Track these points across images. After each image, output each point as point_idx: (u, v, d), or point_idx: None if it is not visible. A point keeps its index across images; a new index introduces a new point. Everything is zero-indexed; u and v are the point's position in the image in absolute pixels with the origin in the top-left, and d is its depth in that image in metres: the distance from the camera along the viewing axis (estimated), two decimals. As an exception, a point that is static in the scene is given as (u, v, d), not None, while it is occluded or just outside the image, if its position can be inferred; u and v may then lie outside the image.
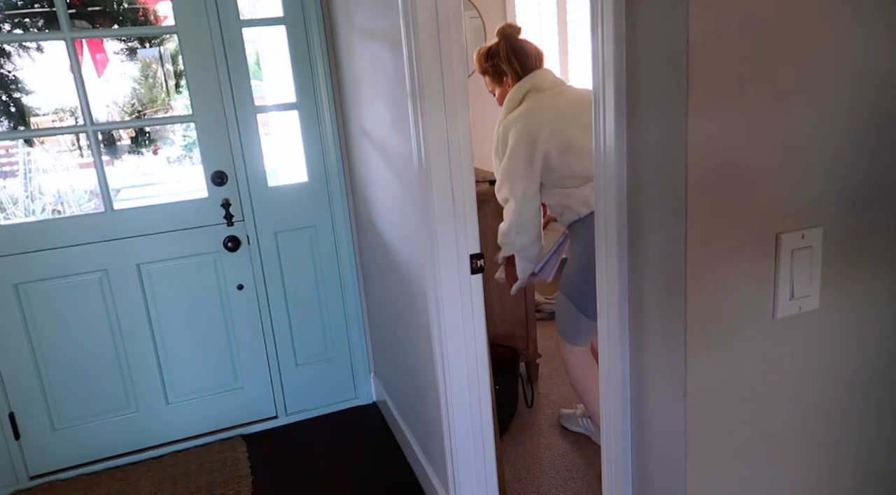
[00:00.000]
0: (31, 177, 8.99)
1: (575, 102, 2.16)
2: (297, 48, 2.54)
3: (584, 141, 2.08)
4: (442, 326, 1.80)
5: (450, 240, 1.75)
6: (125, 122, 2.37)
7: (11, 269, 2.31)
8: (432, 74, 1.64)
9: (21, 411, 2.41)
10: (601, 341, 1.03)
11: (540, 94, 2.17)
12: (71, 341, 2.43)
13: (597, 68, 0.93)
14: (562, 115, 2.11)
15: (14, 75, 2.30)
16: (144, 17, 2.42)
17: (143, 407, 2.57)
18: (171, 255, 2.51)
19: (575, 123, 2.10)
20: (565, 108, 2.14)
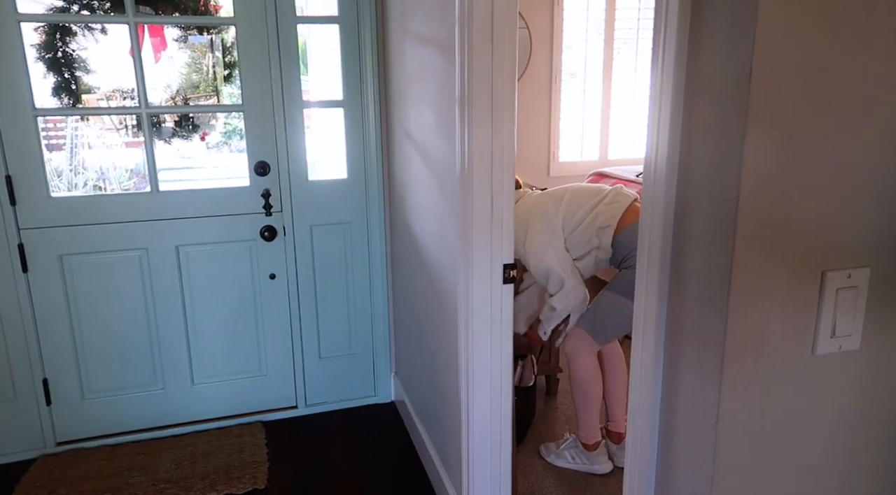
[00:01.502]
0: (76, 151, 9.25)
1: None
2: (348, 47, 2.59)
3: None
4: (470, 333, 1.82)
5: (485, 248, 1.77)
6: (178, 107, 2.44)
7: (58, 240, 2.39)
8: (483, 83, 1.66)
9: (54, 378, 2.49)
10: (634, 360, 1.04)
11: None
12: (107, 315, 2.50)
13: (655, 90, 0.94)
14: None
15: (77, 54, 2.39)
16: (205, 6, 2.48)
17: (169, 385, 2.63)
18: (210, 240, 2.56)
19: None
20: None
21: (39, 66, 2.45)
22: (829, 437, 0.91)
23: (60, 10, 2.35)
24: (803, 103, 0.79)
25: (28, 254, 2.37)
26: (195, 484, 2.29)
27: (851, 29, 0.78)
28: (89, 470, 2.38)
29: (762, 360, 0.85)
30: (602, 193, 2.33)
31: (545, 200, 2.36)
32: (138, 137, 5.58)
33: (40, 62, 2.40)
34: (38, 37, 2.41)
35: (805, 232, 0.83)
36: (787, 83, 0.78)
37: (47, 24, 2.44)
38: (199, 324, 2.62)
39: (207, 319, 2.63)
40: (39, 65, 2.42)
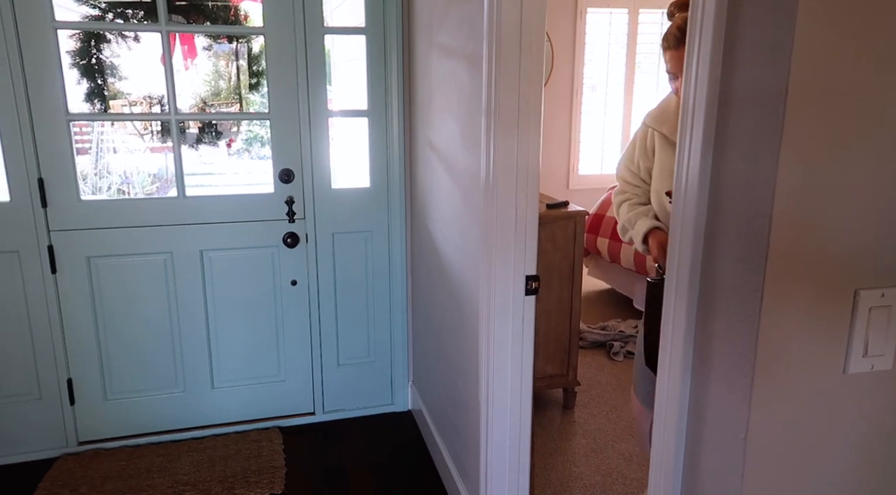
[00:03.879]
0: (101, 155, 9.40)
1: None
2: (373, 58, 2.62)
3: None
4: (491, 344, 1.82)
5: (508, 260, 1.77)
6: (207, 114, 2.49)
7: (86, 242, 2.43)
8: (510, 95, 1.68)
9: (78, 378, 2.53)
10: (661, 374, 1.03)
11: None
12: (131, 317, 2.54)
13: (687, 102, 0.95)
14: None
15: (110, 61, 2.44)
16: (234, 15, 2.53)
17: (189, 388, 2.65)
18: (233, 245, 2.60)
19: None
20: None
21: (73, 73, 2.50)
22: (860, 456, 0.91)
23: (95, 18, 2.41)
24: (838, 119, 0.79)
25: (57, 255, 2.42)
26: (213, 487, 2.31)
27: (887, 45, 0.78)
28: (110, 470, 2.41)
29: (793, 378, 0.85)
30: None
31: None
32: (163, 143, 5.67)
33: (74, 68, 2.46)
34: (73, 44, 2.47)
35: (838, 249, 0.83)
36: (823, 99, 0.78)
37: (82, 32, 2.50)
38: (220, 327, 2.65)
39: (229, 323, 2.66)
40: (73, 71, 2.48)
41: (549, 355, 2.81)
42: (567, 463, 2.52)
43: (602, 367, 3.35)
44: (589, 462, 2.52)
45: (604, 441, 2.67)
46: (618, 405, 2.96)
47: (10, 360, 2.44)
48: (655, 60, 5.31)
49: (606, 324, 3.72)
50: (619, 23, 5.16)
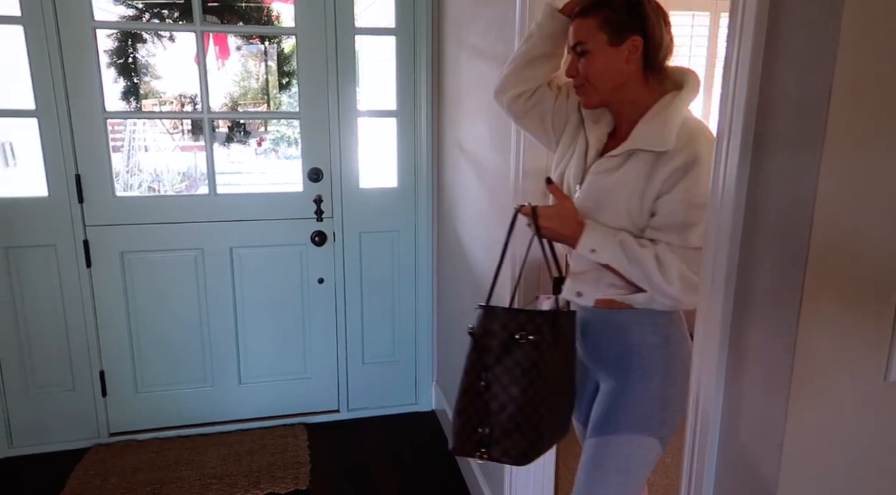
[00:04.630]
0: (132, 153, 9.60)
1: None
2: (403, 59, 2.63)
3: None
4: (517, 344, 1.82)
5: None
6: (239, 113, 2.53)
7: (120, 238, 2.48)
8: (541, 97, 1.67)
9: (110, 370, 2.58)
10: (694, 378, 1.03)
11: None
12: (162, 312, 2.58)
13: (725, 106, 0.94)
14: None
15: (146, 60, 2.49)
16: (267, 16, 2.56)
17: (217, 383, 2.69)
18: (262, 243, 2.63)
19: None
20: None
21: (110, 72, 2.56)
22: (899, 467, 0.89)
23: (133, 18, 2.46)
24: (883, 122, 0.78)
25: (92, 250, 2.47)
26: (240, 480, 2.34)
27: (936, 50, 0.77)
28: (139, 461, 2.45)
29: (832, 384, 0.84)
30: None
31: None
32: (193, 141, 5.76)
33: (111, 67, 2.52)
34: (110, 43, 2.53)
35: (880, 254, 0.81)
36: (867, 101, 0.77)
37: (119, 32, 2.56)
38: (248, 324, 2.68)
39: (257, 320, 2.69)
40: (110, 70, 2.54)
41: (574, 358, 2.79)
42: (591, 467, 2.50)
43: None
44: (613, 466, 2.50)
45: (628, 445, 2.65)
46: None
47: (46, 351, 2.50)
48: (685, 62, 5.25)
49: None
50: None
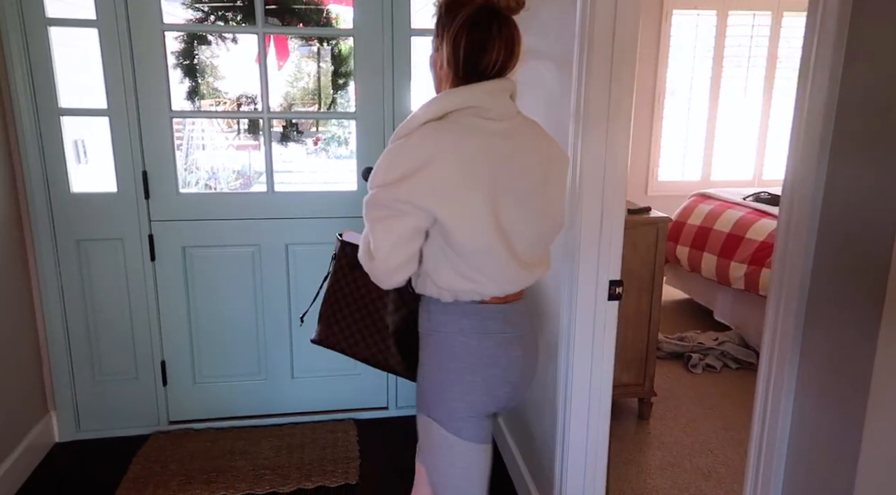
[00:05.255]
0: (190, 151, 9.91)
1: (528, 147, 1.32)
2: (459, 60, 2.64)
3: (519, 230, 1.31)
4: (571, 348, 1.81)
5: (591, 264, 1.75)
6: (296, 113, 2.58)
7: (183, 233, 2.57)
8: (600, 99, 1.66)
9: (171, 361, 2.68)
10: (760, 388, 1.00)
11: (481, 122, 1.27)
12: (220, 305, 2.66)
13: (800, 107, 0.91)
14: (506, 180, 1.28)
15: (210, 61, 2.57)
16: (326, 18, 2.61)
17: (271, 376, 2.76)
18: (316, 240, 2.67)
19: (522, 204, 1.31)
20: (512, 147, 1.29)
21: (176, 72, 2.65)
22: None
23: (198, 21, 2.55)
24: (976, 128, 0.74)
25: (156, 244, 2.57)
26: (292, 472, 2.39)
27: None
28: (196, 450, 2.54)
29: (912, 398, 0.80)
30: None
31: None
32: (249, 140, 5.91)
33: (178, 68, 2.61)
34: (177, 45, 2.62)
35: (969, 264, 0.78)
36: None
37: (186, 34, 2.65)
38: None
39: (309, 316, 2.74)
40: (177, 71, 2.63)
41: (625, 363, 2.75)
42: (642, 475, 2.46)
43: (679, 379, 3.25)
44: (665, 475, 2.46)
45: (680, 454, 2.59)
46: (696, 418, 2.87)
47: (113, 341, 2.61)
48: (744, 64, 5.11)
49: (685, 335, 3.61)
50: (707, 25, 4.99)
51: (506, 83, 1.31)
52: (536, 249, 1.37)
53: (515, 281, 1.33)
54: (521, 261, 1.32)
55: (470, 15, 1.25)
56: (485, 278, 1.30)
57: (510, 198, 1.27)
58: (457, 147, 1.21)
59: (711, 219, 3.87)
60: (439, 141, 1.22)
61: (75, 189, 2.50)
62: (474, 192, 1.23)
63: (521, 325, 1.40)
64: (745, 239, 3.52)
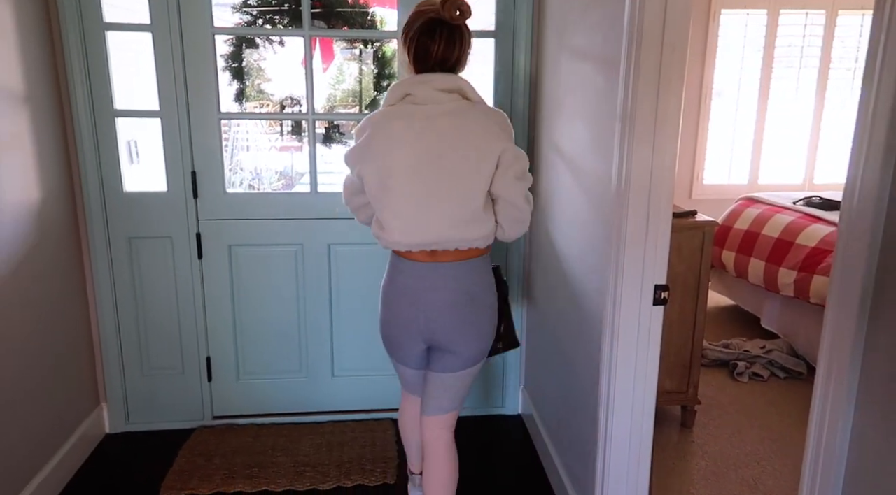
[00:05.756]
0: (235, 153, 10.12)
1: (447, 126, 1.64)
2: (502, 62, 2.64)
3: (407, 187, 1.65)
4: (614, 354, 1.78)
5: (636, 268, 1.72)
6: (339, 114, 2.60)
7: (229, 232, 2.63)
8: (648, 101, 1.63)
9: (216, 357, 2.74)
10: (816, 401, 0.97)
11: (412, 107, 1.67)
12: (264, 304, 2.72)
13: (865, 108, 0.88)
14: (407, 140, 1.64)
15: (258, 64, 2.62)
16: (371, 21, 2.64)
17: (311, 374, 2.80)
18: (357, 241, 2.70)
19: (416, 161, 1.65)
20: (429, 125, 1.64)
21: (225, 75, 2.71)
22: None
23: (247, 24, 2.60)
24: None
25: (203, 242, 2.63)
26: (331, 470, 2.42)
27: None
28: (239, 445, 2.59)
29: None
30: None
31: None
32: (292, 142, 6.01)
33: (226, 71, 2.67)
34: (226, 48, 2.68)
35: None
36: None
37: (235, 37, 2.71)
38: (342, 319, 2.77)
39: (350, 316, 2.77)
40: (225, 73, 2.69)
41: (669, 369, 2.70)
42: (685, 485, 2.40)
43: (724, 387, 3.17)
44: (709, 485, 2.40)
45: (725, 465, 2.53)
46: (741, 428, 2.79)
47: (161, 335, 2.69)
48: (795, 64, 4.96)
49: (730, 342, 3.52)
50: (757, 24, 4.86)
51: (437, 76, 1.67)
52: (428, 211, 1.66)
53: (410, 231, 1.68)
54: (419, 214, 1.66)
55: (421, 24, 1.65)
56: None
57: (409, 164, 1.64)
58: (380, 125, 1.67)
59: (759, 223, 3.77)
60: (372, 120, 1.70)
61: (128, 188, 2.58)
62: (383, 158, 1.65)
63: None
64: (795, 244, 3.42)
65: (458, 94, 1.68)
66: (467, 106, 1.68)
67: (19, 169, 2.17)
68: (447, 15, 1.62)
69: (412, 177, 1.64)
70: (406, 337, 1.80)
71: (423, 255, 1.72)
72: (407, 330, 1.78)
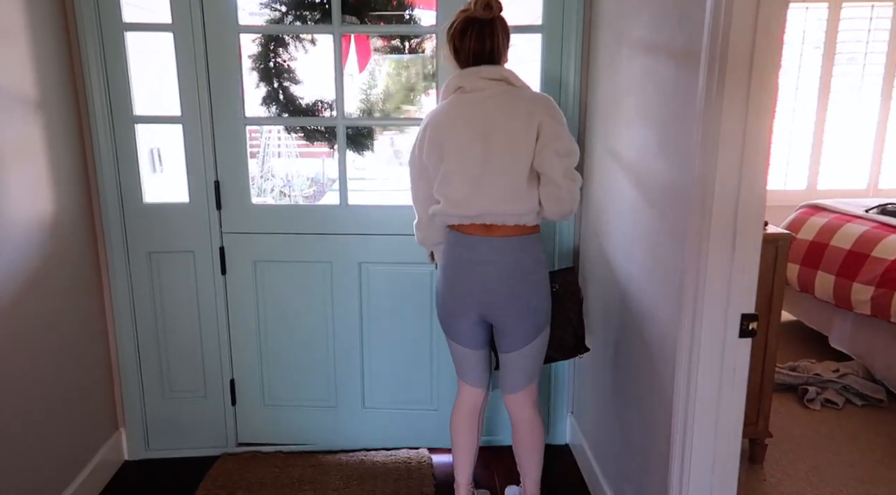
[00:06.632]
0: (266, 159, 10.06)
1: (492, 107, 1.80)
2: (549, 59, 2.40)
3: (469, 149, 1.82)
4: (691, 392, 1.53)
5: (720, 293, 1.47)
6: (371, 119, 2.39)
7: (254, 246, 2.44)
8: (737, 96, 1.38)
9: (240, 380, 2.55)
10: None
11: (464, 96, 1.85)
12: (291, 324, 2.51)
13: None
14: (462, 117, 1.83)
15: (287, 64, 2.44)
16: (409, 19, 2.43)
17: (341, 403, 2.58)
18: (390, 260, 2.46)
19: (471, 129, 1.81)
20: (477, 109, 1.81)
21: (252, 77, 2.53)
22: None
23: (275, 21, 2.42)
24: None
25: (227, 257, 2.45)
26: (363, 508, 2.21)
27: None
28: (264, 476, 2.39)
29: None
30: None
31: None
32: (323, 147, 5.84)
33: (254, 72, 2.49)
34: (254, 48, 2.50)
35: None
36: None
37: (262, 36, 2.53)
38: (374, 345, 2.54)
39: (381, 342, 2.54)
40: (253, 75, 2.51)
41: (736, 399, 2.42)
42: (760, 533, 2.13)
43: (793, 416, 2.87)
44: (788, 534, 2.12)
45: (804, 509, 2.25)
46: (819, 465, 2.49)
47: (182, 357, 2.51)
48: (859, 61, 4.60)
49: (797, 365, 3.21)
50: (817, 19, 4.52)
51: (480, 68, 1.83)
52: (482, 183, 1.80)
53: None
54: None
55: (459, 23, 1.84)
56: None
57: (463, 142, 1.80)
58: (436, 116, 1.85)
59: (827, 233, 3.45)
60: (431, 114, 1.89)
61: (148, 199, 2.41)
62: (440, 143, 1.83)
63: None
64: (871, 257, 3.10)
65: (504, 82, 1.83)
66: (512, 90, 1.83)
67: (31, 180, 2.01)
68: (477, 12, 1.79)
69: (464, 156, 1.80)
70: (462, 308, 1.89)
71: (479, 229, 1.85)
72: (463, 302, 1.88)
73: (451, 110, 1.83)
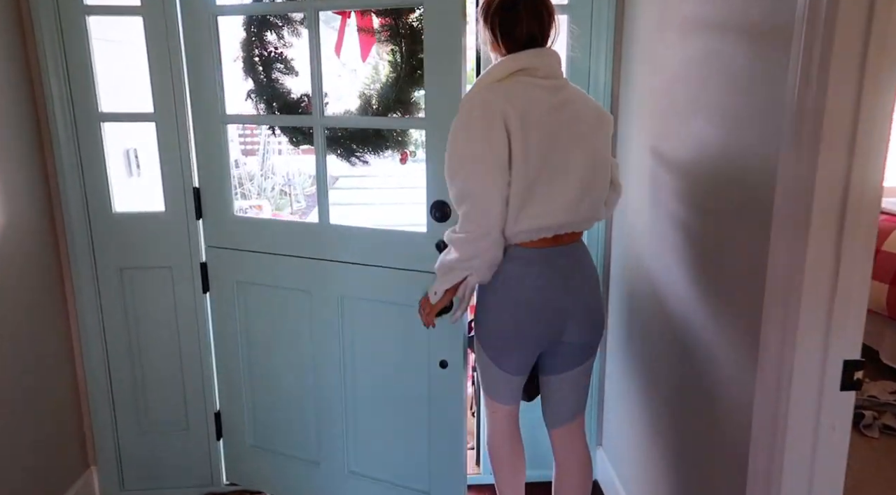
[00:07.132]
0: (267, 157, 9.76)
1: (576, 96, 1.59)
2: (575, 46, 2.07)
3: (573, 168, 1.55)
4: (776, 454, 1.22)
5: (817, 337, 1.16)
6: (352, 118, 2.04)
7: (236, 264, 2.10)
8: (845, 88, 1.06)
9: (226, 412, 2.25)
10: None
11: (533, 79, 1.54)
12: (274, 357, 2.15)
13: None
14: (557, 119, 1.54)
15: (275, 55, 2.12)
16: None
17: (325, 460, 2.16)
18: (374, 296, 1.97)
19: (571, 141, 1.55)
20: (563, 96, 1.56)
21: (236, 68, 2.22)
22: None
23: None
24: None
25: (210, 273, 2.14)
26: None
27: None
28: (253, 524, 2.09)
29: None
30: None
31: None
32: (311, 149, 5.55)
33: (238, 63, 2.17)
34: (237, 34, 2.18)
35: None
36: None
37: (245, 20, 2.20)
38: (358, 398, 2.08)
39: (366, 395, 2.07)
40: (236, 66, 2.20)
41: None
42: None
43: (850, 446, 2.55)
44: None
45: (877, 564, 1.94)
46: (887, 507, 2.19)
47: (161, 386, 2.21)
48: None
49: (848, 384, 2.89)
50: None
51: (548, 50, 1.57)
52: (585, 188, 1.56)
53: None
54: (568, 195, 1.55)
55: (499, 1, 1.54)
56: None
57: (562, 139, 1.53)
58: (509, 98, 1.49)
59: (878, 236, 3.12)
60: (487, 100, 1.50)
61: (119, 208, 2.10)
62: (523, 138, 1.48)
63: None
64: (931, 265, 2.78)
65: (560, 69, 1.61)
66: (576, 86, 1.64)
67: (-27, 189, 1.71)
68: None
69: (570, 154, 1.54)
70: (532, 335, 1.60)
71: (548, 242, 1.57)
72: (534, 327, 1.59)
73: (533, 94, 1.50)
